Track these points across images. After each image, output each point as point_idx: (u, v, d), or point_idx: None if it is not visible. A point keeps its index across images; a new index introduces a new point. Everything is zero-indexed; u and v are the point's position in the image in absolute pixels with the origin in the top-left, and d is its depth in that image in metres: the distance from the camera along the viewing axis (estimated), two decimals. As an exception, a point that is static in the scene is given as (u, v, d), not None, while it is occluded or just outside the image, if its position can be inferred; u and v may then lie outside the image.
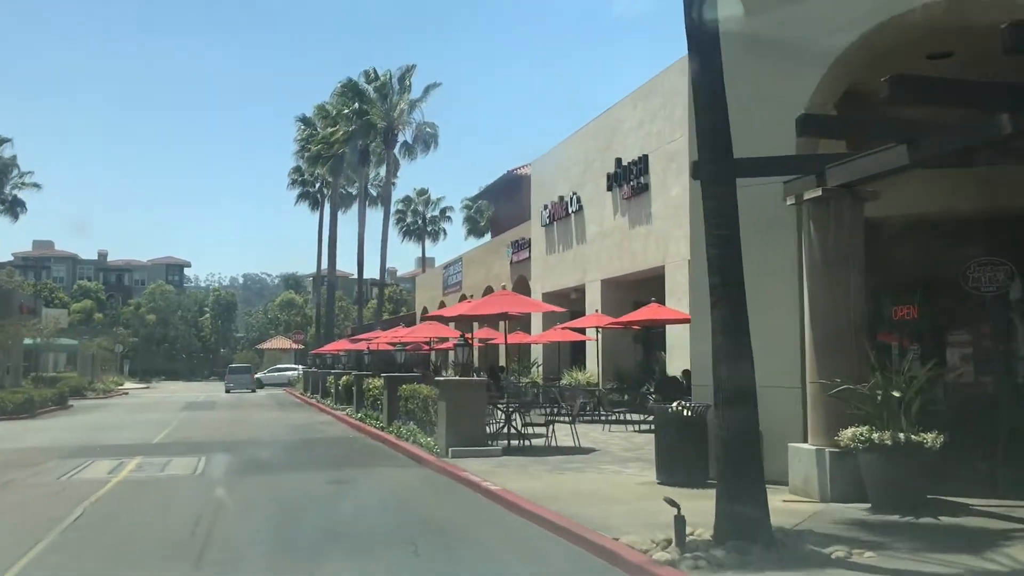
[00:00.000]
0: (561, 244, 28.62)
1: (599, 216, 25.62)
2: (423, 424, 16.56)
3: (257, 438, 19.90)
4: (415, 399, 17.10)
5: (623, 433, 17.54)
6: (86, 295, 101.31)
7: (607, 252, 24.86)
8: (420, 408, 16.71)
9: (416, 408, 17.07)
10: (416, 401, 17.02)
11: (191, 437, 20.16)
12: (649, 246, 22.43)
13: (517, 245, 34.01)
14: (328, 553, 7.76)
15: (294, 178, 57.29)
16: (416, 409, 17.07)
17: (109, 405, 36.37)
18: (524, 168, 47.68)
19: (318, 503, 10.69)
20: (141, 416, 28.73)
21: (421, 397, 16.54)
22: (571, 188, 27.67)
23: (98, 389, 45.03)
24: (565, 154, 28.73)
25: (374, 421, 20.48)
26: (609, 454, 14.04)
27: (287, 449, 17.51)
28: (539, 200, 30.84)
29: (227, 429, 22.50)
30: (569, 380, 25.00)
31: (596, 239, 25.81)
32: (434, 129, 43.03)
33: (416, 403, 17.05)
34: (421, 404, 16.60)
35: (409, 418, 17.77)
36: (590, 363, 25.92)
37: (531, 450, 14.40)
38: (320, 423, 24.73)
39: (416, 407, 17.06)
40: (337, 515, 9.99)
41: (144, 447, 17.82)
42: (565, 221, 28.19)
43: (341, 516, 9.93)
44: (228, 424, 24.52)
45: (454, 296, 44.45)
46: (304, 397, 40.65)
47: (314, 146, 44.88)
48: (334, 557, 7.61)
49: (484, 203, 65.71)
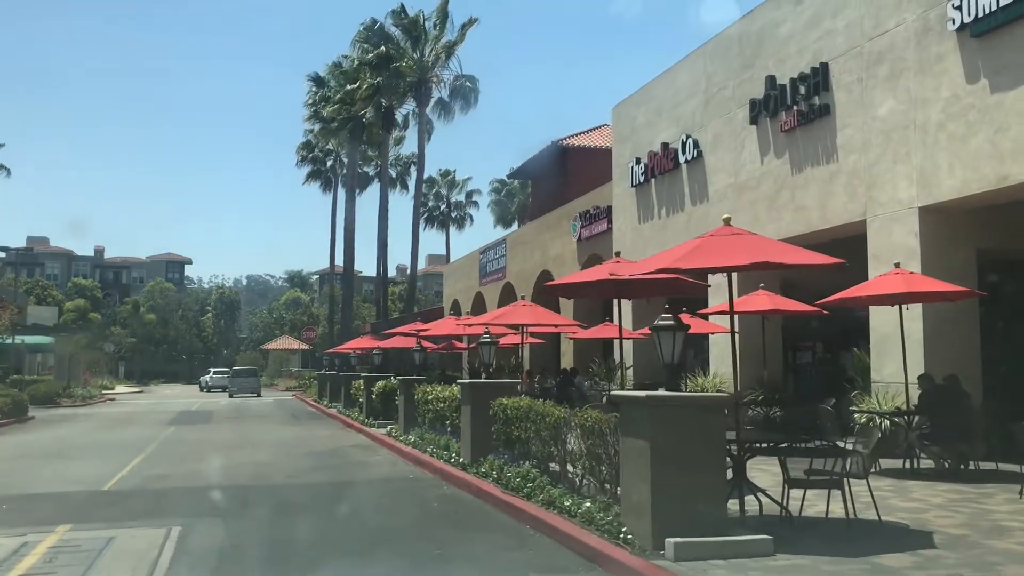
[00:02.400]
0: (665, 207, 21.69)
1: (732, 162, 18.70)
2: (542, 463, 9.76)
3: (266, 479, 13.00)
4: (528, 423, 10.19)
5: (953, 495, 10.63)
6: (81, 293, 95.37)
7: (748, 210, 17.95)
8: (543, 440, 9.83)
9: (531, 437, 10.18)
10: (532, 428, 10.10)
11: (167, 476, 13.29)
12: (833, 194, 15.50)
13: (587, 217, 27.05)
14: None
15: (303, 155, 50.31)
16: (532, 439, 10.18)
17: (82, 417, 29.51)
18: (574, 138, 40.92)
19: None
20: (113, 434, 21.87)
21: (551, 422, 9.59)
22: (681, 131, 20.75)
23: (75, 395, 38.13)
24: (668, 89, 21.81)
25: (441, 452, 13.57)
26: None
27: (318, 507, 10.60)
28: (624, 155, 23.92)
29: (222, 460, 15.63)
30: (696, 387, 18.06)
31: (727, 194, 18.90)
32: (473, 83, 35.87)
33: (530, 430, 10.15)
34: (547, 435, 9.70)
35: (513, 452, 10.91)
36: (712, 365, 19.04)
37: (808, 528, 7.58)
38: (353, 448, 17.80)
39: (531, 436, 10.16)
40: None
41: (85, 501, 10.97)
42: (671, 176, 21.28)
43: None
44: (225, 449, 17.64)
45: (494, 286, 37.54)
46: (321, 406, 33.71)
47: (330, 107, 37.65)
48: None
49: (514, 183, 58.85)
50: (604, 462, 8.15)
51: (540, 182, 44.10)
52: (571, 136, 41.05)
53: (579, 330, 20.24)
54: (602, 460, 8.17)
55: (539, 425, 9.92)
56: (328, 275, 69.82)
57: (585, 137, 41.67)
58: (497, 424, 11.47)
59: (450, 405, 14.25)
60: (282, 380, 65.52)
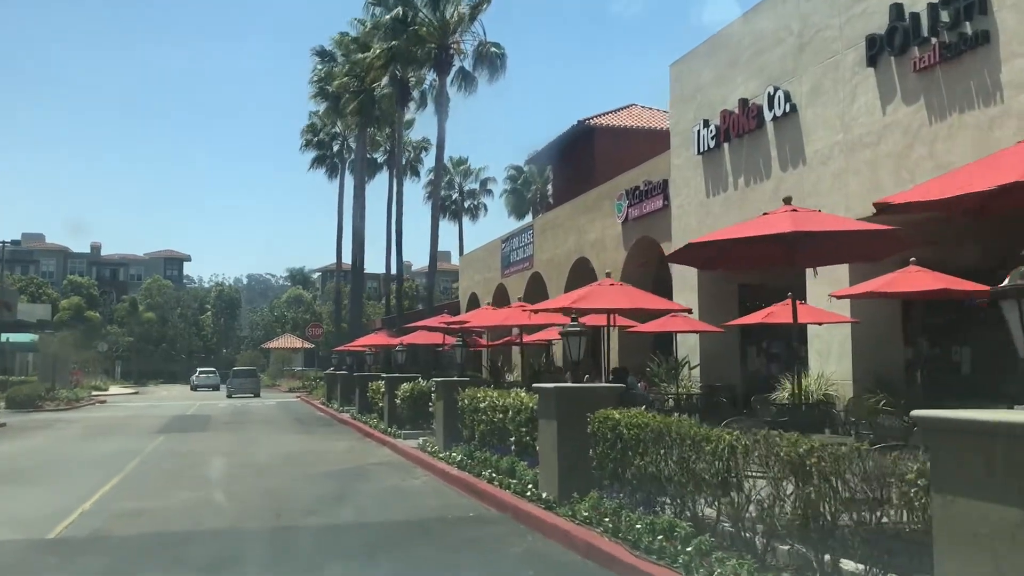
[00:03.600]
0: (743, 175, 18.32)
1: (840, 115, 15.33)
2: (682, 508, 6.43)
3: (277, 518, 9.58)
4: (660, 447, 6.83)
5: None
6: (76, 291, 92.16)
7: (865, 172, 14.59)
8: (697, 479, 6.47)
9: (674, 473, 6.82)
10: (673, 457, 6.74)
11: (141, 515, 9.86)
12: (994, 143, 12.11)
13: (636, 195, 23.64)
14: None
15: (308, 138, 46.81)
16: (675, 475, 6.81)
17: (62, 423, 26.15)
18: (603, 118, 37.65)
19: None
20: (90, 446, 18.52)
21: (718, 451, 6.19)
22: (766, 83, 17.38)
23: (60, 398, 34.77)
24: (745, 38, 18.45)
25: (505, 479, 10.20)
26: None
27: (352, 573, 7.22)
28: (686, 118, 20.55)
29: (219, 485, 12.26)
30: (806, 390, 14.71)
31: (832, 154, 15.52)
32: (500, 49, 32.36)
33: (667, 460, 6.79)
34: (708, 470, 6.32)
35: (628, 487, 7.56)
36: (814, 363, 15.70)
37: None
38: (381, 467, 14.37)
39: (674, 471, 6.80)
40: None
41: (11, 562, 7.58)
42: (752, 139, 17.90)
43: None
44: (224, 468, 14.28)
45: (519, 276, 34.19)
46: (331, 410, 30.29)
47: (338, 80, 34.17)
48: None
49: (531, 169, 55.45)
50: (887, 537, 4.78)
51: (563, 166, 40.73)
52: (597, 116, 37.85)
53: (684, 318, 16.92)
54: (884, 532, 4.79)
55: (691, 453, 6.55)
56: (332, 272, 66.45)
57: (613, 117, 38.41)
58: (600, 447, 8.12)
59: (514, 417, 10.88)
60: (284, 380, 62.18)
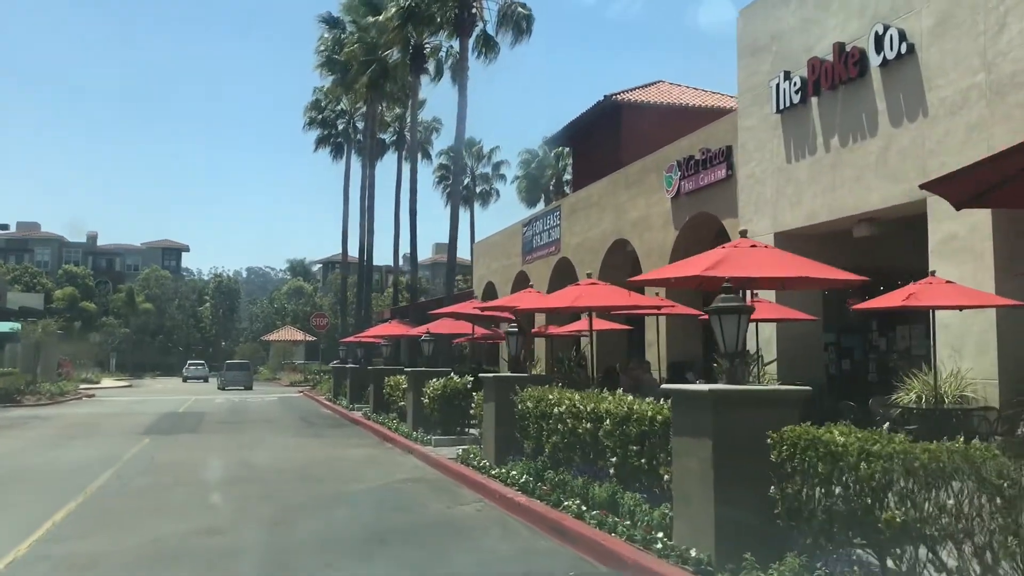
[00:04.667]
0: (838, 134, 15.38)
1: (980, 51, 12.39)
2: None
3: (291, 572, 6.71)
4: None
5: None
6: (72, 281, 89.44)
7: (1016, 119, 11.66)
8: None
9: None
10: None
11: (97, 563, 6.95)
12: None
13: (691, 165, 20.67)
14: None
15: (311, 116, 43.88)
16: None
17: (38, 421, 23.25)
18: (630, 94, 34.60)
19: None
20: (59, 452, 15.62)
21: None
22: (871, 23, 14.43)
23: (42, 391, 31.90)
24: (838, -29, 15.49)
25: (608, 517, 7.30)
26: None
27: None
28: (761, 72, 17.59)
29: (205, 513, 9.38)
30: (928, 389, 11.80)
31: (970, 100, 12.57)
32: (527, 8, 29.33)
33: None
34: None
35: (835, 540, 4.67)
36: (945, 358, 12.77)
37: None
38: (415, 484, 11.43)
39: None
40: None
41: None
42: (850, 89, 14.94)
43: None
44: (213, 486, 11.38)
45: (541, 263, 31.27)
46: (339, 407, 27.34)
47: (348, 48, 31.18)
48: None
49: (547, 152, 52.47)
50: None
51: (585, 147, 37.68)
52: (623, 92, 34.93)
53: (766, 303, 14.01)
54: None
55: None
56: (334, 263, 63.69)
57: (640, 93, 35.41)
58: (791, 486, 5.21)
59: (614, 431, 7.94)
60: (285, 374, 59.30)
